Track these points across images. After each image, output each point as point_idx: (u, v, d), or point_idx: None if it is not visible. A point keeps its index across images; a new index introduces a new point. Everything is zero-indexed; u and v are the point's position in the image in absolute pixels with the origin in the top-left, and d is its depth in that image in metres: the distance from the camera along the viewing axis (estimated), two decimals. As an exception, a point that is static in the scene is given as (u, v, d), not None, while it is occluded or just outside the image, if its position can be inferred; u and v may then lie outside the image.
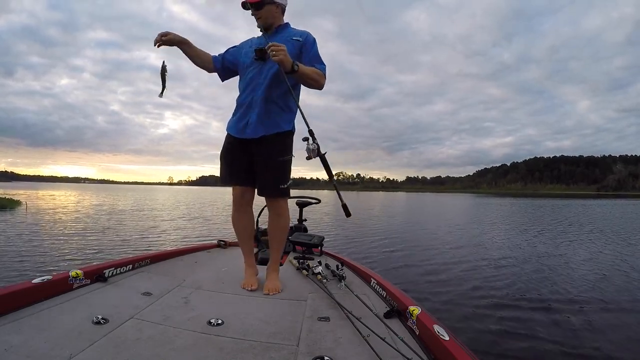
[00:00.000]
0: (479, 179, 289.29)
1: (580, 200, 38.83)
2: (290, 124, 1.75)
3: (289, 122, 1.74)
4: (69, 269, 1.57)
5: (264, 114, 1.67)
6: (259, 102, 1.67)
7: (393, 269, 4.69)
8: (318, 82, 1.69)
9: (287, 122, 1.73)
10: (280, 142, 1.71)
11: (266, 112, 1.67)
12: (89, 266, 1.69)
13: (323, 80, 1.70)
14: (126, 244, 6.18)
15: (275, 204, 1.79)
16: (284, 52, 1.50)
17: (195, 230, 8.51)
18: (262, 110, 1.67)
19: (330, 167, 1.63)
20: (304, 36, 1.73)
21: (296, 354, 1.07)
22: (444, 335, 1.08)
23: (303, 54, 1.70)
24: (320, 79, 1.69)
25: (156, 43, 1.69)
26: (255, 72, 1.70)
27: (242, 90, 1.75)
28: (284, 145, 1.73)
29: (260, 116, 1.67)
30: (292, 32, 1.75)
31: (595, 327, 2.75)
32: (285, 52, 1.51)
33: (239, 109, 1.75)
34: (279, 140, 1.70)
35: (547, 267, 4.93)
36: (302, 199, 2.90)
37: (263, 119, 1.67)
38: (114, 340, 1.09)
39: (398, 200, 36.53)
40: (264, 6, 1.69)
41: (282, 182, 1.73)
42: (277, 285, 1.70)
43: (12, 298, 1.24)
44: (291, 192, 1.87)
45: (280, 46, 1.51)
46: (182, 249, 2.42)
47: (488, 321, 2.84)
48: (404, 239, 7.64)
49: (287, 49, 1.60)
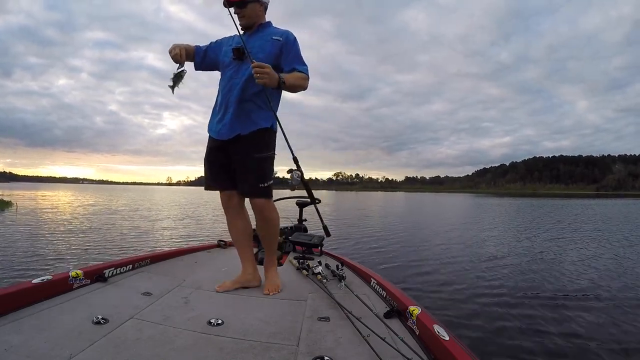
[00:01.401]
0: (478, 179, 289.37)
1: (580, 200, 38.86)
2: (269, 121, 1.66)
3: (267, 120, 1.66)
4: (68, 269, 1.57)
5: (239, 113, 1.63)
6: (234, 102, 1.63)
7: (393, 269, 4.69)
8: (302, 87, 1.67)
9: (265, 119, 1.66)
10: (258, 139, 1.64)
11: (242, 110, 1.63)
12: (89, 266, 1.69)
13: (307, 83, 1.68)
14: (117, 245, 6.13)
15: (259, 206, 1.69)
16: (268, 76, 1.48)
17: (195, 230, 8.51)
18: (238, 109, 1.63)
19: (311, 190, 1.76)
20: (285, 36, 1.69)
21: (296, 354, 1.07)
22: (444, 335, 1.09)
23: (283, 54, 1.67)
24: (303, 82, 1.66)
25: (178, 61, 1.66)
26: (233, 72, 1.67)
27: (221, 89, 1.72)
28: (263, 142, 1.65)
29: (236, 115, 1.63)
30: (273, 31, 1.71)
31: (596, 327, 2.76)
32: (269, 75, 1.48)
33: (217, 108, 1.73)
34: (257, 138, 1.64)
35: (548, 267, 4.93)
36: (302, 199, 2.90)
37: (239, 118, 1.63)
38: (114, 340, 1.09)
39: (397, 201, 36.55)
40: (247, 4, 1.65)
41: (262, 180, 1.64)
42: (276, 283, 1.68)
43: (12, 298, 1.24)
44: (291, 192, 1.86)
45: (264, 68, 1.48)
46: (182, 249, 2.42)
47: (488, 321, 2.84)
48: (404, 239, 7.64)
49: (267, 48, 1.63)
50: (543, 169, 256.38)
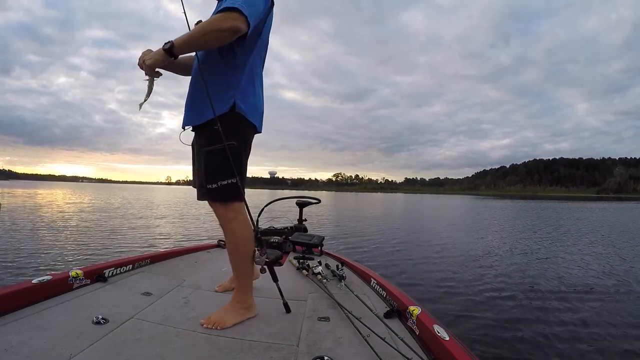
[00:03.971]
0: (478, 181, 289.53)
1: (582, 203, 38.79)
2: (225, 104, 1.28)
3: (219, 104, 1.26)
4: (69, 269, 1.58)
5: (190, 100, 1.38)
6: (189, 88, 1.39)
7: (393, 269, 4.69)
8: (215, 30, 1.15)
9: (216, 103, 1.26)
10: (209, 130, 1.29)
11: (192, 97, 1.37)
12: (88, 266, 1.69)
13: (223, 24, 1.14)
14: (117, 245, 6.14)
15: (216, 213, 1.36)
16: (145, 56, 1.24)
17: (195, 231, 8.50)
18: (189, 96, 1.38)
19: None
20: None
21: (296, 354, 1.07)
22: (444, 335, 1.09)
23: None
24: (213, 25, 1.15)
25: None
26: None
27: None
28: (212, 133, 1.26)
29: (189, 100, 1.38)
30: None
31: (596, 327, 2.75)
32: (148, 56, 1.23)
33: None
34: (207, 126, 1.30)
35: (548, 269, 4.92)
36: (302, 199, 2.91)
37: (189, 106, 1.38)
38: (114, 340, 1.09)
39: (397, 202, 36.55)
40: None
41: (209, 180, 1.28)
42: (222, 319, 1.26)
43: (12, 298, 1.24)
44: (290, 192, 1.82)
45: (144, 55, 1.26)
46: (182, 249, 2.42)
47: (488, 321, 2.83)
48: (404, 239, 7.63)
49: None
50: (543, 171, 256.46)
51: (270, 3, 1.36)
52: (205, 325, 1.24)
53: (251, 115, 1.34)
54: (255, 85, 1.36)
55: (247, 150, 1.38)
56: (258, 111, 1.38)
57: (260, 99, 1.41)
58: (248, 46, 1.31)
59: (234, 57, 1.30)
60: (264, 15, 1.31)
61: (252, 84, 1.35)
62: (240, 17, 1.15)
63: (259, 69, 1.40)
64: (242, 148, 1.33)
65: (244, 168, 1.37)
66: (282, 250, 2.46)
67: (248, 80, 1.33)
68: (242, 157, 1.34)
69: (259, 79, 1.41)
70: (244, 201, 1.34)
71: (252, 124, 1.35)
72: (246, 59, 1.32)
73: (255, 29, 1.27)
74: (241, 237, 1.35)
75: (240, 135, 1.32)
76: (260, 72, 1.42)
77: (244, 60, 1.31)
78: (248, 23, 1.18)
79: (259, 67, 1.41)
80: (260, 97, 1.40)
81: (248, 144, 1.38)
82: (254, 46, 1.33)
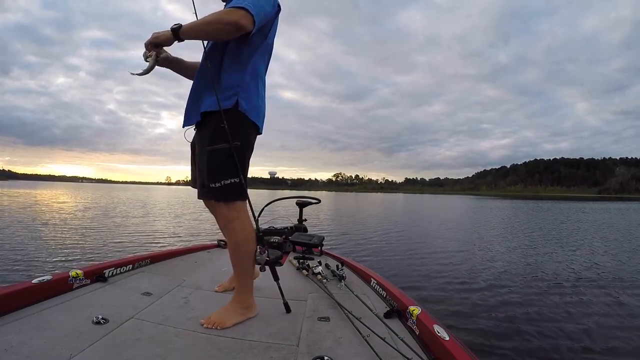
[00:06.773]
0: (479, 181, 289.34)
1: (584, 203, 38.69)
2: (228, 100, 1.27)
3: (224, 99, 1.26)
4: (69, 269, 1.58)
5: (193, 95, 1.34)
6: (193, 83, 1.37)
7: (393, 269, 4.68)
8: (219, 22, 1.16)
9: (214, 98, 1.25)
10: (211, 126, 1.27)
11: (196, 92, 1.34)
12: (89, 266, 1.69)
13: (227, 17, 1.16)
14: (117, 245, 6.15)
15: (217, 212, 1.37)
16: (153, 34, 1.27)
17: (195, 231, 8.50)
18: (192, 91, 1.35)
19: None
20: None
21: (296, 354, 1.07)
22: (444, 335, 1.09)
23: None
24: (216, 17, 1.17)
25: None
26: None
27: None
28: (216, 130, 1.24)
29: (191, 97, 1.35)
30: None
31: (597, 327, 2.75)
32: (155, 34, 1.27)
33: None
34: (209, 124, 1.28)
35: (548, 269, 4.92)
36: (302, 199, 2.91)
37: (194, 99, 1.34)
38: (114, 340, 1.09)
39: (397, 202, 36.52)
40: None
41: (211, 179, 1.27)
42: (222, 319, 1.27)
43: (12, 298, 1.24)
44: (290, 192, 1.83)
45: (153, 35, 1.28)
46: (182, 249, 2.42)
47: (488, 321, 2.83)
48: (404, 239, 7.62)
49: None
50: (544, 171, 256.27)
51: (277, 8, 1.37)
52: (205, 325, 1.24)
53: (254, 115, 1.33)
54: (258, 87, 1.36)
55: (249, 149, 1.37)
56: (260, 112, 1.38)
57: (263, 101, 1.41)
58: (254, 47, 1.32)
59: (240, 55, 1.30)
60: (270, 18, 1.33)
61: (256, 85, 1.35)
62: (247, 15, 1.17)
63: (262, 72, 1.41)
64: (245, 147, 1.32)
65: (247, 167, 1.37)
66: (282, 250, 2.46)
67: (252, 81, 1.33)
68: (245, 156, 1.33)
69: (262, 83, 1.41)
70: (247, 200, 1.35)
71: (254, 123, 1.34)
72: (251, 60, 1.32)
73: (261, 30, 1.29)
74: (242, 236, 1.35)
75: (243, 134, 1.31)
76: (263, 75, 1.42)
77: (249, 60, 1.32)
78: (254, 22, 1.19)
79: (263, 71, 1.41)
80: (263, 99, 1.40)
81: (250, 143, 1.37)
82: (260, 48, 1.34)
